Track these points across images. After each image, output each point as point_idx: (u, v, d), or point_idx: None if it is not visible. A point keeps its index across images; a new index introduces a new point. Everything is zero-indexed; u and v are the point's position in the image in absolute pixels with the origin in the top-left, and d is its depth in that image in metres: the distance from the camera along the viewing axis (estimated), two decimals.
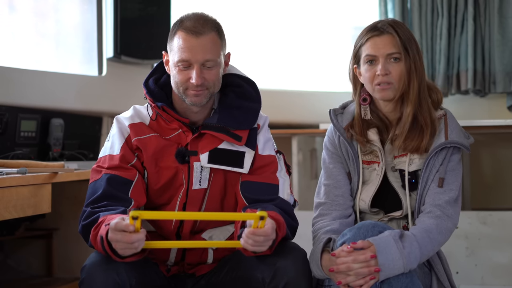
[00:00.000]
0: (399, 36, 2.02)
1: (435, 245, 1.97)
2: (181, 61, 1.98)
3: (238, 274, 2.00)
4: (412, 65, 2.02)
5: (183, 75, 2.00)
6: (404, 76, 2.03)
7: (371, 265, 1.83)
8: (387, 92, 2.03)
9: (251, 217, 1.79)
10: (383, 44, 2.02)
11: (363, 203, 2.09)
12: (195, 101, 2.01)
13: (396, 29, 2.03)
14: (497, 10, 4.11)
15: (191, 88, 2.00)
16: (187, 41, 1.98)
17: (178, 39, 2.00)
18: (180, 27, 2.00)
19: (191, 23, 2.00)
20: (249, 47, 4.35)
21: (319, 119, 3.87)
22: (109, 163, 2.02)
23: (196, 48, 1.98)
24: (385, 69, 2.01)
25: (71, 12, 3.63)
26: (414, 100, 2.03)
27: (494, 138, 4.25)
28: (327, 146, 2.17)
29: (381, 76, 2.01)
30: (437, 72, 4.17)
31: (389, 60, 2.02)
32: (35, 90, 3.29)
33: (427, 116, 2.05)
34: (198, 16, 2.02)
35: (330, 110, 2.17)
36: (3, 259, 3.24)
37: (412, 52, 2.03)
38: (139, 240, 1.74)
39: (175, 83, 2.03)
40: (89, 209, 1.93)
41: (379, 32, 2.03)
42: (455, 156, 2.06)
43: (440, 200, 2.01)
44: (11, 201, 2.21)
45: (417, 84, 2.03)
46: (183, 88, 2.01)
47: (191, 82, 1.98)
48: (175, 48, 2.00)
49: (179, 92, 2.02)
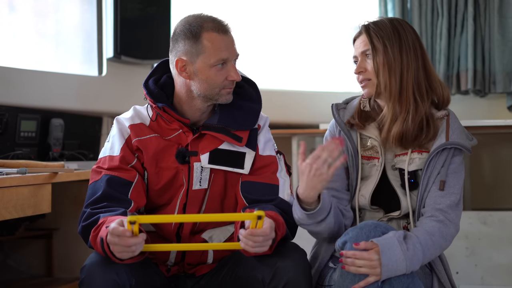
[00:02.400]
0: (368, 33, 2.07)
1: (437, 249, 1.97)
2: (220, 60, 1.98)
3: (238, 274, 2.00)
4: (385, 59, 2.04)
5: (221, 75, 2.00)
6: (379, 71, 2.05)
7: (375, 266, 1.84)
8: (367, 88, 2.09)
9: (249, 217, 1.79)
10: (359, 44, 2.11)
11: (363, 199, 2.08)
12: (228, 99, 2.04)
13: (368, 26, 2.09)
14: (497, 10, 4.11)
15: (228, 86, 2.02)
16: (222, 40, 1.99)
17: (210, 41, 1.98)
18: (206, 29, 1.99)
19: (217, 23, 2.00)
20: (249, 47, 4.34)
21: (319, 119, 3.88)
22: (109, 164, 2.01)
23: (231, 44, 2.01)
24: (359, 67, 2.09)
25: (71, 12, 3.63)
26: (391, 94, 2.04)
27: (494, 138, 4.25)
28: (328, 140, 2.17)
29: (357, 75, 2.09)
30: (437, 72, 4.13)
31: (365, 58, 2.08)
32: (35, 90, 3.29)
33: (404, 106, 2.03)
34: (213, 16, 2.03)
35: (332, 104, 2.19)
36: (3, 259, 3.24)
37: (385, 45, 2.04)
38: (137, 244, 1.75)
39: (209, 85, 2.00)
40: (89, 210, 1.93)
41: (358, 33, 2.12)
42: (457, 158, 2.05)
43: (441, 204, 2.00)
44: (11, 201, 2.21)
45: (394, 78, 2.03)
46: (219, 88, 2.01)
47: (230, 80, 2.00)
48: (209, 49, 1.98)
49: (212, 93, 2.01)
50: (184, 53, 2.00)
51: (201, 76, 2.00)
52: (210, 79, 2.00)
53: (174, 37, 2.04)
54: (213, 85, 2.00)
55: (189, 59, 2.00)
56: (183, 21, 2.04)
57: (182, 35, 2.01)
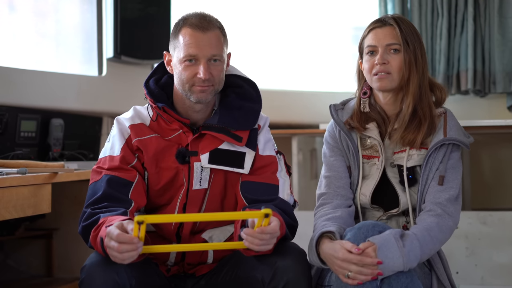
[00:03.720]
0: (400, 28, 2.05)
1: (436, 244, 1.97)
2: (188, 56, 1.98)
3: (238, 274, 2.00)
4: (412, 58, 2.05)
5: (190, 71, 1.99)
6: (403, 68, 2.05)
7: (374, 268, 1.84)
8: (384, 81, 2.06)
9: (256, 215, 1.79)
10: (384, 35, 2.06)
11: (364, 198, 2.09)
12: (201, 97, 2.01)
13: (398, 21, 2.07)
14: (497, 10, 4.11)
15: (198, 83, 2.00)
16: (194, 36, 1.99)
17: (184, 36, 2.00)
18: (185, 24, 2.01)
19: (197, 20, 2.00)
20: (249, 48, 4.35)
21: (319, 119, 3.88)
22: (109, 164, 2.02)
23: (204, 43, 1.99)
24: (383, 58, 2.05)
25: (71, 12, 3.63)
26: (414, 92, 2.06)
27: (494, 138, 4.25)
28: (328, 140, 2.18)
29: (379, 65, 2.05)
30: (437, 72, 4.18)
31: (388, 51, 2.06)
32: (35, 90, 3.29)
33: (426, 110, 2.07)
34: (202, 14, 2.04)
35: (330, 105, 2.19)
36: (3, 259, 3.24)
37: (413, 45, 2.05)
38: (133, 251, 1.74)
39: (180, 80, 2.02)
40: (89, 210, 1.93)
41: (381, 23, 2.08)
42: (455, 154, 2.07)
43: (440, 198, 2.01)
44: (11, 201, 2.21)
45: (417, 78, 2.06)
46: (189, 84, 2.00)
47: (198, 77, 1.98)
48: (181, 44, 1.99)
49: (185, 89, 2.02)
50: (169, 47, 2.05)
51: (176, 71, 2.03)
52: (180, 74, 2.02)
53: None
54: (183, 80, 2.01)
55: (171, 52, 2.05)
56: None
57: (173, 29, 2.05)
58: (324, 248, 1.91)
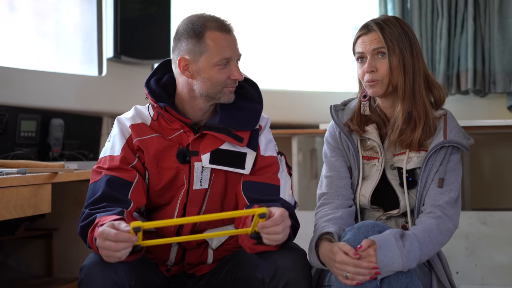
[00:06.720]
0: (383, 32, 2.05)
1: (436, 245, 1.97)
2: (224, 60, 1.99)
3: (238, 274, 2.00)
4: (400, 60, 2.05)
5: (224, 74, 2.00)
6: (394, 71, 2.05)
7: (371, 268, 1.84)
8: (375, 88, 2.07)
9: (251, 212, 1.79)
10: (370, 41, 2.07)
11: (363, 198, 2.10)
12: (230, 98, 2.04)
13: (381, 25, 2.07)
14: (497, 10, 4.11)
15: (230, 85, 2.02)
16: (225, 39, 2.00)
17: (214, 40, 1.99)
18: (210, 28, 1.99)
19: (220, 23, 2.01)
20: (249, 48, 4.34)
21: (319, 119, 3.88)
22: (110, 164, 2.01)
23: (234, 44, 2.02)
24: (370, 66, 2.06)
25: (71, 12, 3.63)
26: (405, 96, 2.05)
27: (494, 138, 4.24)
28: (329, 141, 2.18)
29: (368, 74, 2.06)
30: (437, 72, 4.17)
31: (376, 57, 2.06)
32: (35, 90, 3.28)
33: (421, 111, 2.07)
34: (216, 16, 2.04)
35: (331, 106, 2.20)
36: (3, 259, 3.24)
37: (399, 47, 2.05)
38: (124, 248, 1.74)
39: (212, 84, 2.01)
40: (87, 211, 1.93)
41: (367, 30, 2.09)
42: (455, 156, 2.07)
43: (440, 201, 2.01)
44: (11, 201, 2.21)
45: (408, 80, 2.05)
46: (221, 86, 2.01)
47: (232, 78, 2.01)
48: (211, 49, 1.98)
49: (214, 92, 2.02)
50: (187, 52, 2.01)
51: (204, 75, 2.00)
52: (212, 78, 2.00)
53: (177, 36, 2.04)
54: (216, 83, 2.01)
55: (192, 58, 2.00)
56: (186, 21, 2.04)
57: (185, 34, 2.01)
58: (323, 250, 1.92)
